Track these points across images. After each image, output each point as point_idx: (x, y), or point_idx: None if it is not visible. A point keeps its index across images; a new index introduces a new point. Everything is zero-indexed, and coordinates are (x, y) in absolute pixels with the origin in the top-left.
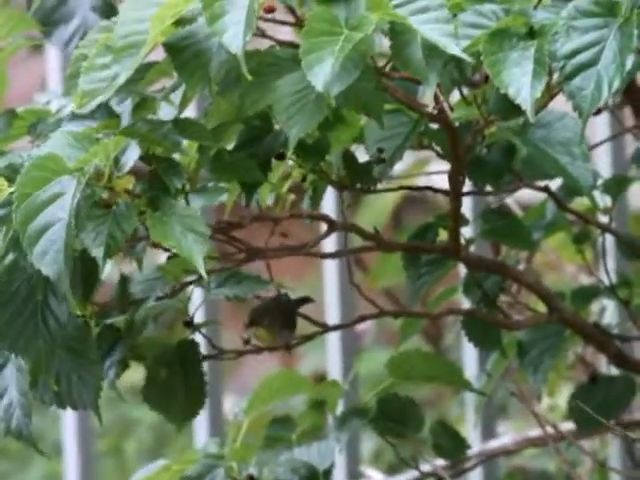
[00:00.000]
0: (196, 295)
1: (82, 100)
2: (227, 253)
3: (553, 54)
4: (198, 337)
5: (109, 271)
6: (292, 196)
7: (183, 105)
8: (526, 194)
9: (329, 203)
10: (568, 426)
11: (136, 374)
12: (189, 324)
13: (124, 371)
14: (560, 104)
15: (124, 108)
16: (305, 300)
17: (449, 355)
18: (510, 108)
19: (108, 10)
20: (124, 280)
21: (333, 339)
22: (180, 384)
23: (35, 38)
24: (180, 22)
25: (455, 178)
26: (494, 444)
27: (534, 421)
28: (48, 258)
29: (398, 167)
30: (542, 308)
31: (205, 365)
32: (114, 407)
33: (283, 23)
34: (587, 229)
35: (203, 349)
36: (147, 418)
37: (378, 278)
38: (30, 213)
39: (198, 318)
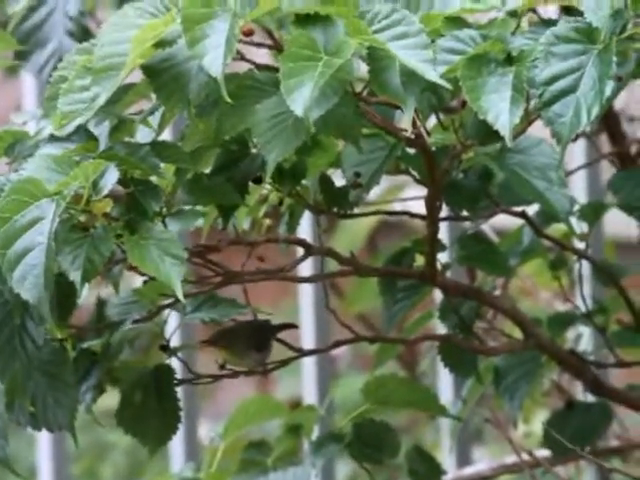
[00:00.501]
0: (172, 319)
1: (61, 121)
2: (204, 277)
3: (532, 80)
4: (174, 361)
5: (85, 295)
6: (268, 221)
7: (161, 128)
8: (502, 220)
9: (305, 227)
10: (544, 453)
11: (111, 398)
12: (165, 348)
13: (100, 395)
14: (537, 130)
15: (102, 130)
16: (287, 326)
17: (424, 381)
18: (487, 133)
19: (84, 35)
20: (101, 303)
21: (309, 364)
22: (154, 408)
23: (11, 60)
24: (160, 44)
25: (432, 203)
26: (469, 470)
27: (509, 447)
28: (27, 283)
29: (374, 192)
30: (518, 334)
31: (180, 389)
32: (89, 431)
33: (261, 46)
34: (563, 255)
35: (179, 373)
36: (122, 442)
37: (354, 303)
38: (9, 238)
39: (174, 342)
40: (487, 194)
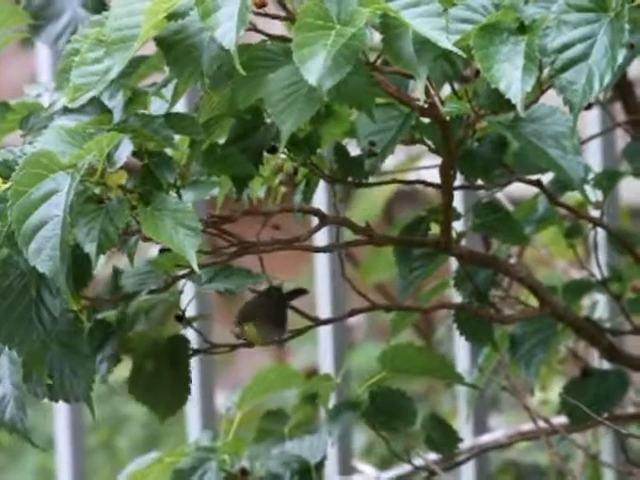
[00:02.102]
0: (187, 289)
1: (74, 94)
2: (219, 247)
3: (544, 48)
4: (190, 331)
5: (101, 264)
6: (283, 189)
7: (174, 99)
8: (517, 188)
9: (321, 197)
10: (560, 420)
11: (128, 370)
12: (181, 318)
13: (116, 365)
14: (551, 99)
15: (116, 103)
16: (298, 292)
17: (440, 349)
18: (501, 102)
19: (98, 6)
20: (116, 274)
21: (325, 333)
22: (166, 377)
23: (25, 32)
24: (172, 16)
25: (446, 172)
26: (486, 438)
27: (526, 415)
28: (43, 255)
29: (390, 162)
30: (534, 302)
31: (197, 359)
32: (105, 402)
33: (274, 17)
34: (578, 223)
35: (195, 343)
36: (138, 414)
37: (370, 272)
38: (25, 210)
39: (190, 312)
40: (502, 163)
